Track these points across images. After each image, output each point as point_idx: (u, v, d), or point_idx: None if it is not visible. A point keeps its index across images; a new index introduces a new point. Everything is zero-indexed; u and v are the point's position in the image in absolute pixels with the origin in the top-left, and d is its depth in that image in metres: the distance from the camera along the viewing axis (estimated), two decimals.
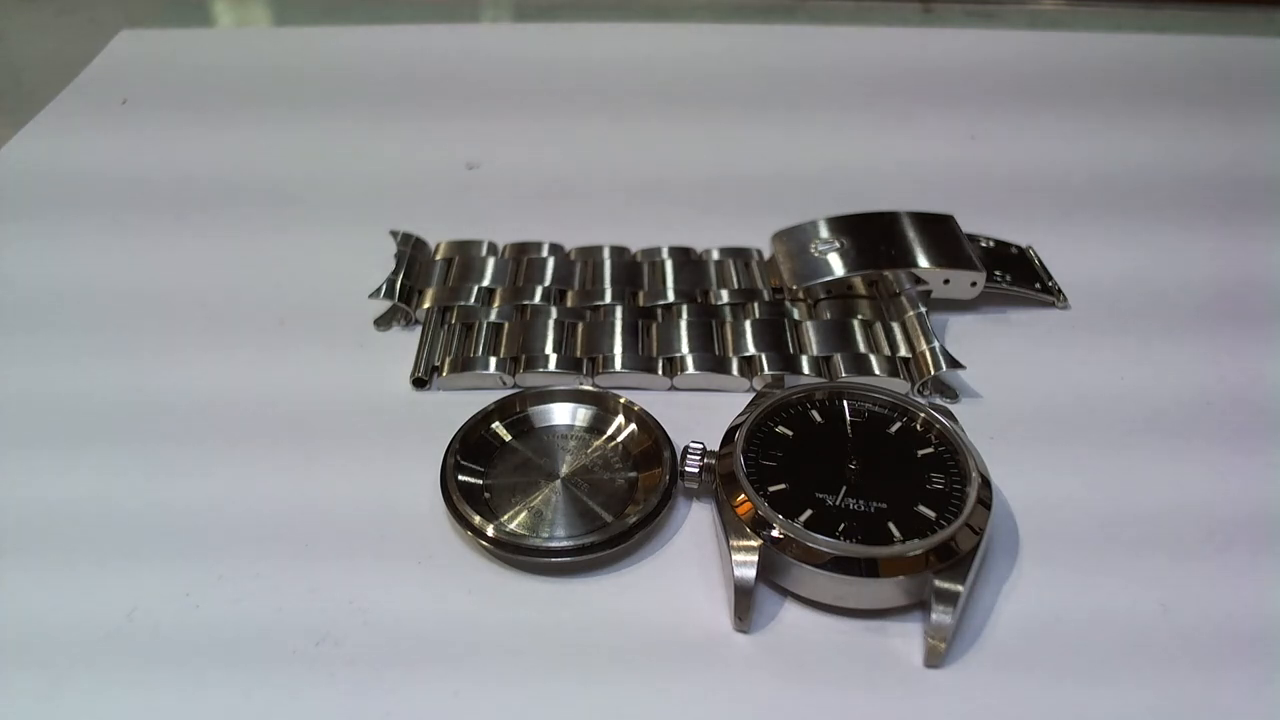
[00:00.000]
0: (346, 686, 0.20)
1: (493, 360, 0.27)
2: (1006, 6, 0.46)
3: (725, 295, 0.30)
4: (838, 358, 0.27)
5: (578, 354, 0.27)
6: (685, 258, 0.31)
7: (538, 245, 0.32)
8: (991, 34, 0.36)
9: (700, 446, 0.23)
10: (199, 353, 0.28)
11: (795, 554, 0.20)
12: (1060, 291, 0.30)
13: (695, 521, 0.23)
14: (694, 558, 0.22)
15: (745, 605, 0.20)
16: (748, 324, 0.28)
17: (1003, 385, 0.27)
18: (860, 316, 0.29)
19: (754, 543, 0.21)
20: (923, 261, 0.29)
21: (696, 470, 0.23)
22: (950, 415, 0.24)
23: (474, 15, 0.47)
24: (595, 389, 0.25)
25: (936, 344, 0.27)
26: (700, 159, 0.37)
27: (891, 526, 0.21)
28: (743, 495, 0.21)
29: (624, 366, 0.27)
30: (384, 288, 0.29)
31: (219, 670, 0.20)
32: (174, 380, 0.27)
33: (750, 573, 0.20)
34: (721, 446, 0.23)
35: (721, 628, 0.21)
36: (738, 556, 0.21)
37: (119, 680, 0.20)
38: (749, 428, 0.23)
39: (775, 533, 0.21)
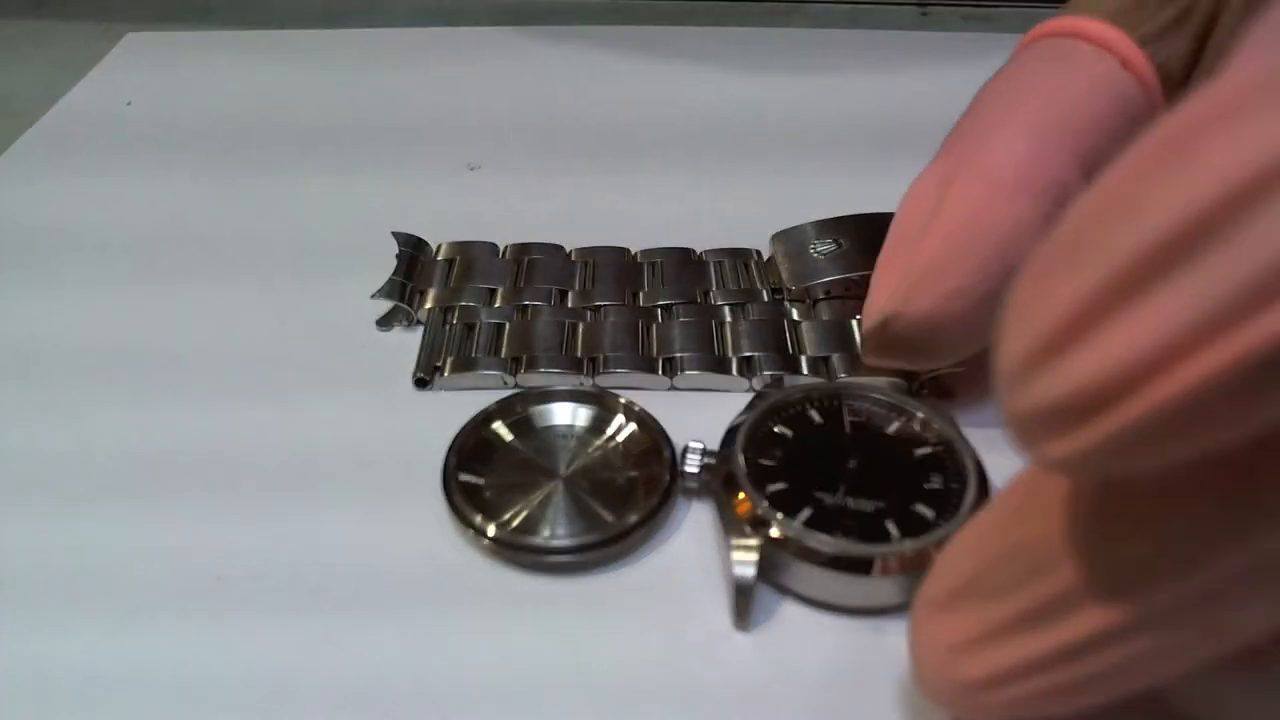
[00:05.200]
0: (346, 685, 0.20)
1: (494, 360, 0.27)
2: (1004, 9, 0.46)
3: (725, 296, 0.30)
4: (836, 358, 0.27)
5: (578, 354, 0.27)
6: (685, 258, 0.31)
7: (538, 246, 0.32)
8: (989, 37, 0.36)
9: (700, 446, 0.23)
10: (198, 354, 0.28)
11: (794, 552, 0.21)
12: None
13: (695, 521, 0.23)
14: (694, 557, 0.22)
15: (745, 604, 0.20)
16: (747, 324, 0.28)
17: None
18: (860, 317, 0.29)
19: (754, 541, 0.21)
20: None
21: (696, 470, 0.23)
22: (950, 415, 0.24)
23: (474, 18, 0.47)
24: (595, 389, 0.26)
25: None
26: (699, 160, 0.37)
27: (890, 525, 0.21)
28: (742, 494, 0.22)
29: (624, 367, 0.27)
30: (385, 288, 0.29)
31: (218, 670, 0.20)
32: (176, 361, 0.27)
33: (750, 571, 0.21)
34: (721, 446, 0.23)
35: (722, 626, 0.21)
36: (737, 555, 0.21)
37: (118, 683, 0.20)
38: (748, 427, 0.23)
39: (774, 531, 0.21)
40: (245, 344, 0.28)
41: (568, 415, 0.25)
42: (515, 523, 0.22)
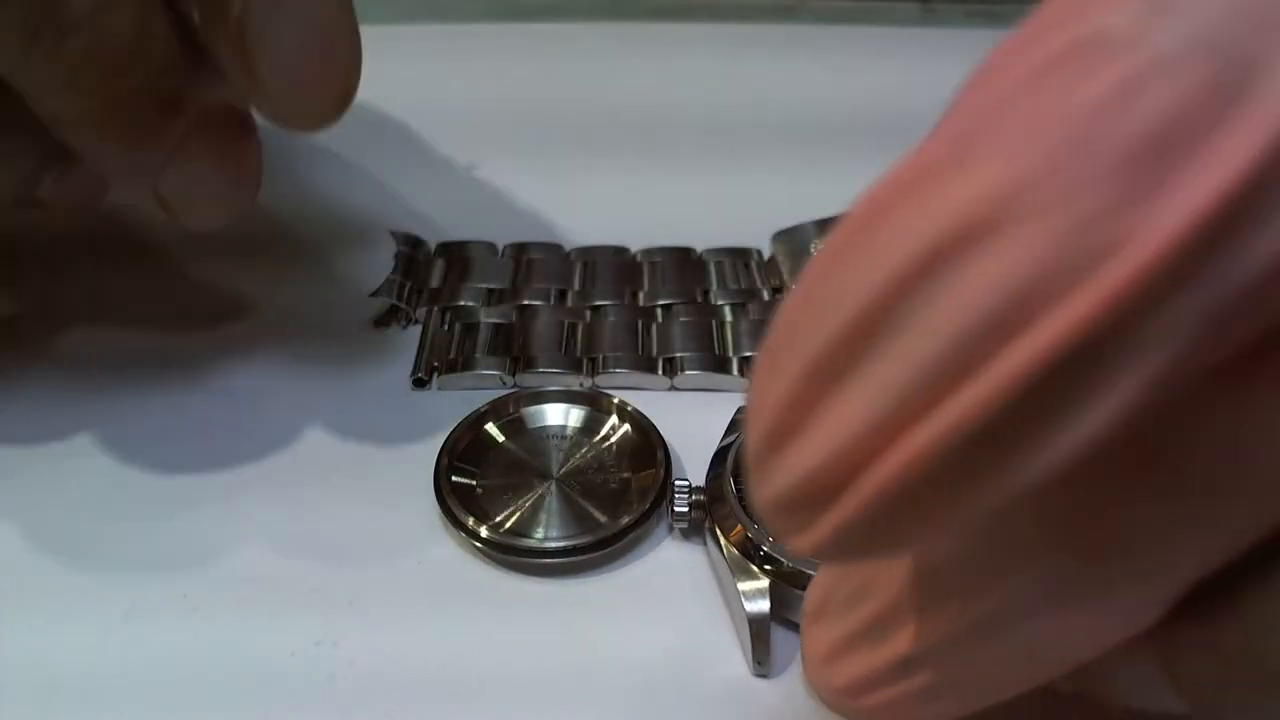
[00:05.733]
0: (346, 685, 0.20)
1: (492, 360, 0.27)
2: (1007, 6, 0.46)
3: (725, 295, 0.29)
4: None
5: (577, 354, 0.27)
6: (685, 257, 0.31)
7: (538, 245, 0.32)
8: (993, 34, 0.36)
9: (687, 484, 0.22)
10: (194, 357, 0.28)
11: (806, 585, 0.19)
12: None
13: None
14: (688, 559, 0.22)
15: (763, 644, 0.20)
16: (748, 324, 0.28)
17: None
18: None
19: (762, 581, 0.20)
20: None
21: (686, 509, 0.22)
22: None
23: (473, 14, 0.47)
24: (588, 390, 0.26)
25: None
26: (698, 158, 0.37)
27: None
28: (741, 529, 0.21)
29: (624, 367, 0.27)
30: (383, 287, 0.29)
31: (218, 671, 0.20)
32: (171, 358, 0.27)
33: (765, 606, 0.20)
34: (709, 477, 0.22)
35: (721, 625, 0.21)
36: (748, 591, 0.20)
37: (118, 682, 0.20)
38: (735, 457, 0.22)
39: (783, 567, 0.20)
40: (242, 343, 0.28)
41: (560, 416, 0.25)
42: (508, 524, 0.22)
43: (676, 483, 0.22)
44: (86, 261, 0.32)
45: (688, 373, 0.27)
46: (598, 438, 0.24)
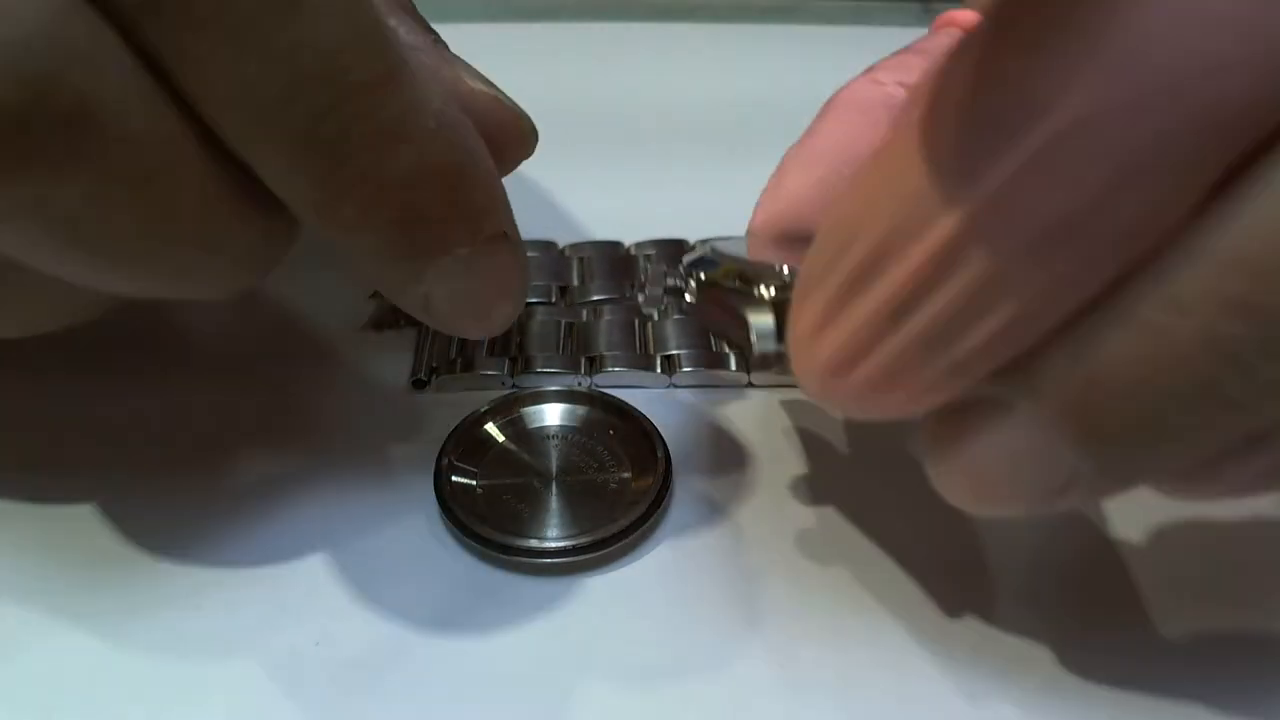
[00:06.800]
0: (346, 685, 0.20)
1: (491, 361, 0.27)
2: None
3: None
4: None
5: (575, 353, 0.27)
6: (680, 250, 0.31)
7: (534, 244, 0.32)
8: None
9: (663, 269, 0.23)
10: (195, 351, 0.28)
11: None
12: None
13: (689, 523, 0.23)
14: (688, 559, 0.22)
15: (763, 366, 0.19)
16: None
17: None
18: None
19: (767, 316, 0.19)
20: None
21: (660, 290, 0.22)
22: None
23: (468, 14, 0.47)
24: (588, 389, 0.26)
25: None
26: (696, 157, 0.37)
27: None
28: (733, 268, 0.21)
29: (621, 365, 0.27)
30: None
31: (218, 671, 0.20)
32: (174, 356, 0.27)
33: (770, 346, 0.19)
34: (686, 269, 0.22)
35: (720, 625, 0.21)
36: (758, 329, 0.19)
37: (116, 685, 0.20)
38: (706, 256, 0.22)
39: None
40: (242, 343, 0.28)
41: (560, 416, 0.25)
42: (508, 524, 0.22)
43: (649, 270, 0.22)
44: None
45: (685, 370, 0.27)
46: (598, 438, 0.24)
